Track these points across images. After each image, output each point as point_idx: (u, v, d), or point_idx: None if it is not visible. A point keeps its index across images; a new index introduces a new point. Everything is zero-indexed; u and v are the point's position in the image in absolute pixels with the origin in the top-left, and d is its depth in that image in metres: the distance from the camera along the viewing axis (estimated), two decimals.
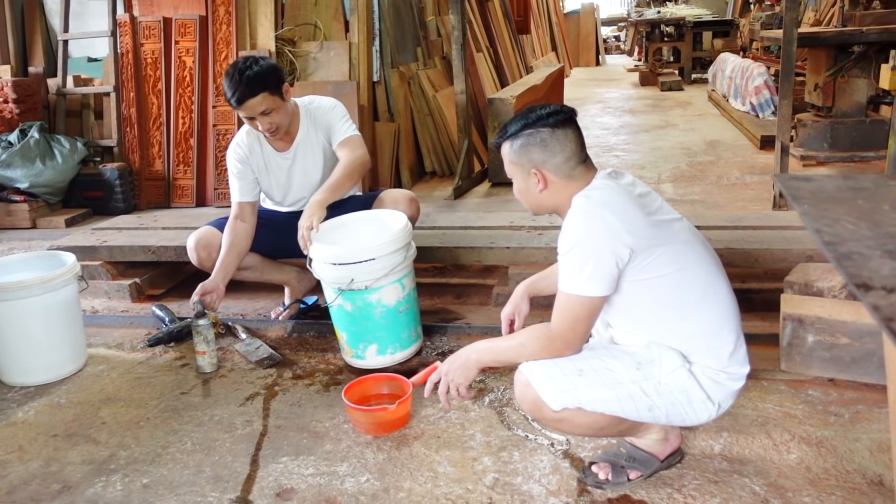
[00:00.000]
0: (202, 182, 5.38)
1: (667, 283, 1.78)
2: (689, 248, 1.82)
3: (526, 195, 1.92)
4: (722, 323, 1.83)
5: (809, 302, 2.49)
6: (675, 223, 1.83)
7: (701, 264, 1.83)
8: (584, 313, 1.77)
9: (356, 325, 2.61)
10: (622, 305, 1.84)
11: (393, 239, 2.56)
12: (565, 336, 1.80)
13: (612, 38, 20.78)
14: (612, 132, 7.58)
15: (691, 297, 1.80)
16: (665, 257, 1.76)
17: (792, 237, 3.04)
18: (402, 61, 5.72)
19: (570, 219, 1.78)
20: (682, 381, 1.79)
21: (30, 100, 5.46)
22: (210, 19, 5.30)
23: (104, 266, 3.49)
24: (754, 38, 10.08)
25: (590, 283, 1.73)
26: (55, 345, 2.72)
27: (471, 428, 2.27)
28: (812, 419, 2.22)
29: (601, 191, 1.79)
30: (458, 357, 1.98)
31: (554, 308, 1.80)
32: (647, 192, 1.87)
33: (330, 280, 2.57)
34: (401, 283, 2.62)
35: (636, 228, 1.73)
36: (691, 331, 1.82)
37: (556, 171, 1.84)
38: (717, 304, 1.83)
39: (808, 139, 5.57)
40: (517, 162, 1.88)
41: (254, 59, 2.74)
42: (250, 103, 2.71)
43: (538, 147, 1.83)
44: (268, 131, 2.81)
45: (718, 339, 1.82)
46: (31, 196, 5.07)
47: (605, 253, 1.71)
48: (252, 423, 2.37)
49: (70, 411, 2.51)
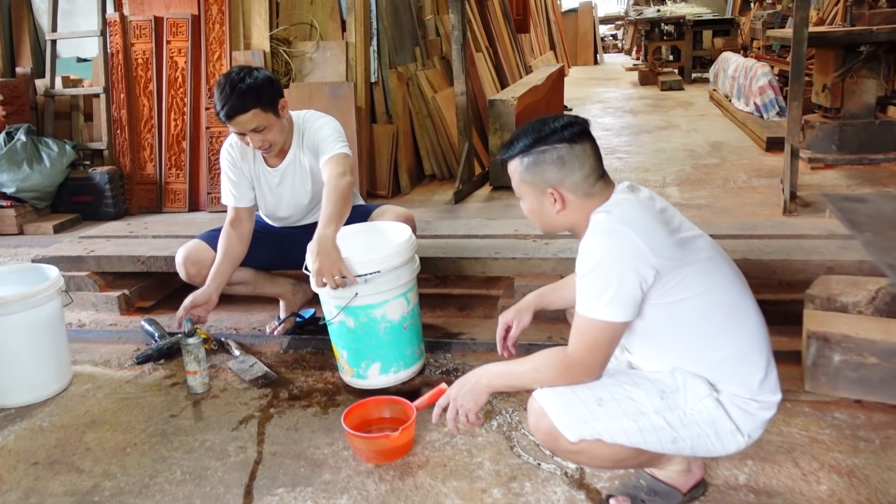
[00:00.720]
0: (195, 186, 5.23)
1: (692, 306, 1.64)
2: (714, 267, 1.68)
3: (540, 215, 1.77)
4: (751, 347, 1.69)
5: (835, 319, 2.36)
6: (697, 240, 1.70)
7: (727, 284, 1.70)
8: (605, 339, 1.63)
9: (359, 343, 2.47)
10: (644, 330, 1.70)
11: (398, 251, 2.42)
12: (584, 362, 1.66)
13: (610, 36, 20.64)
14: (614, 133, 7.45)
15: (718, 320, 1.67)
16: (690, 278, 1.63)
17: (810, 247, 2.92)
18: (400, 61, 5.58)
19: (591, 237, 1.64)
20: (709, 412, 1.66)
21: (17, 101, 5.30)
22: (203, 18, 5.15)
23: (91, 277, 3.35)
24: (755, 36, 9.97)
25: (611, 308, 1.59)
26: (37, 364, 2.57)
27: (479, 455, 2.14)
28: (841, 445, 2.09)
29: (622, 206, 1.66)
30: (467, 381, 1.84)
31: (571, 332, 1.66)
32: (667, 207, 1.74)
33: (331, 295, 2.43)
34: (406, 297, 2.48)
35: (661, 248, 1.60)
36: (719, 357, 1.68)
37: (575, 190, 1.70)
38: (745, 327, 1.70)
39: (816, 141, 5.44)
40: (530, 181, 1.72)
41: (248, 71, 2.56)
42: (240, 119, 2.53)
43: (554, 165, 1.68)
44: (259, 148, 2.65)
45: (748, 364, 1.68)
46: (18, 201, 4.91)
47: (628, 274, 1.58)
48: (246, 449, 2.23)
49: (53, 436, 2.37)
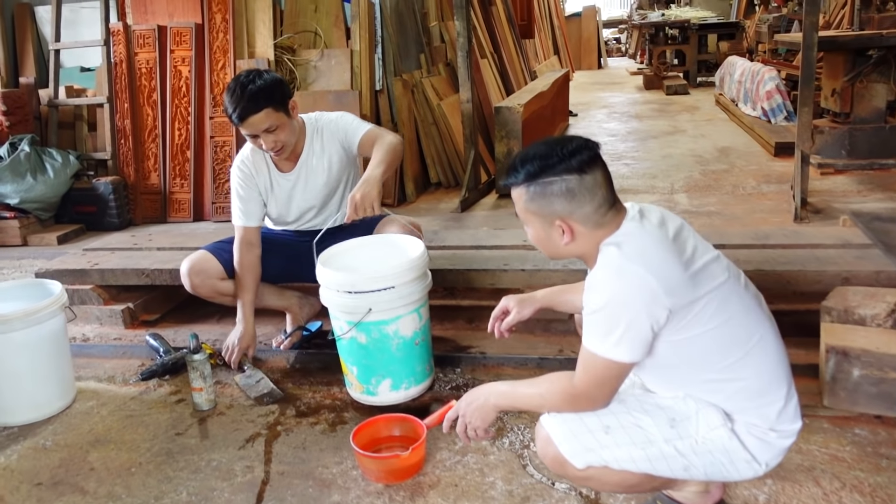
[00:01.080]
0: (199, 196, 5.20)
1: (707, 340, 1.56)
2: (730, 295, 1.59)
3: (546, 244, 1.68)
4: (770, 378, 1.61)
5: (853, 332, 2.31)
6: (712, 266, 1.59)
7: (744, 311, 1.61)
8: (612, 376, 1.57)
9: (370, 359, 2.42)
10: (655, 365, 1.64)
11: (412, 266, 2.38)
12: (590, 395, 1.61)
13: (613, 40, 20.60)
14: (620, 139, 7.40)
15: (735, 352, 1.59)
16: (705, 312, 1.54)
17: (825, 257, 2.87)
18: (405, 69, 5.54)
19: (601, 274, 1.55)
20: (722, 441, 1.60)
21: (20, 111, 5.27)
22: (206, 27, 5.12)
23: (95, 290, 3.31)
24: (761, 40, 9.91)
25: (620, 348, 1.52)
26: (41, 381, 2.54)
27: (490, 474, 2.09)
28: (862, 463, 2.04)
29: (634, 240, 1.56)
30: (475, 398, 1.80)
31: (578, 363, 1.60)
32: (680, 229, 1.64)
33: (343, 310, 2.38)
34: (418, 313, 2.44)
35: (675, 286, 1.51)
36: (735, 388, 1.61)
37: (585, 222, 1.59)
38: (764, 357, 1.61)
39: (826, 146, 5.38)
40: (536, 211, 1.62)
41: (257, 73, 2.56)
42: (253, 120, 2.52)
43: (563, 197, 1.57)
44: (272, 150, 2.63)
45: (767, 395, 1.60)
46: (22, 212, 4.88)
47: (640, 316, 1.50)
48: (253, 469, 2.19)
49: (56, 455, 2.33)
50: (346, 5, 5.17)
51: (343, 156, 2.79)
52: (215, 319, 3.38)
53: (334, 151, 2.77)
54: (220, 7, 5.08)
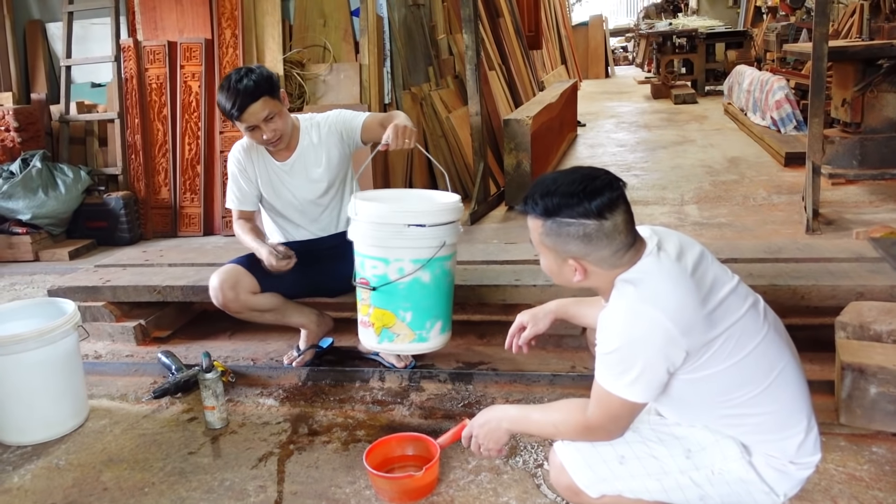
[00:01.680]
0: (210, 210, 5.21)
1: (725, 377, 1.53)
2: (750, 329, 1.55)
3: (558, 277, 1.64)
4: (791, 411, 1.57)
5: (870, 349, 2.29)
6: (731, 297, 1.55)
7: (765, 345, 1.56)
8: (625, 413, 1.55)
9: (429, 299, 2.40)
10: (671, 401, 1.61)
11: (458, 206, 2.46)
12: (604, 429, 1.59)
13: (620, 49, 20.63)
14: (629, 149, 7.39)
15: (754, 387, 1.54)
16: (724, 349, 1.51)
17: (839, 271, 2.85)
18: (413, 82, 5.55)
19: (615, 314, 1.52)
20: (739, 473, 1.57)
21: (32, 128, 5.31)
22: (216, 43, 5.15)
23: (107, 307, 3.32)
24: (769, 48, 9.90)
25: (633, 389, 1.50)
26: (54, 400, 2.54)
27: (504, 494, 2.08)
28: (880, 482, 2.02)
29: (651, 278, 1.51)
30: (487, 420, 1.79)
31: (591, 396, 1.58)
32: (699, 259, 1.58)
33: (413, 244, 2.34)
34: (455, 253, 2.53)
35: (692, 327, 1.47)
36: (755, 422, 1.57)
37: (601, 264, 1.55)
38: (784, 391, 1.57)
39: (837, 156, 5.34)
40: (550, 247, 1.57)
41: (247, 69, 2.63)
42: (252, 109, 2.57)
43: (579, 240, 1.52)
44: (271, 140, 2.67)
45: (786, 430, 1.56)
46: (34, 228, 4.90)
47: (655, 360, 1.47)
48: (266, 488, 2.18)
49: (69, 475, 2.32)
50: (355, 19, 5.19)
51: (342, 149, 2.83)
52: (227, 335, 3.38)
53: (333, 144, 2.81)
54: (230, 23, 5.12)
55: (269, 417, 2.60)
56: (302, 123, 2.83)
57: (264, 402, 2.71)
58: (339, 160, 2.83)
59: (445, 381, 2.73)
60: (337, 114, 2.86)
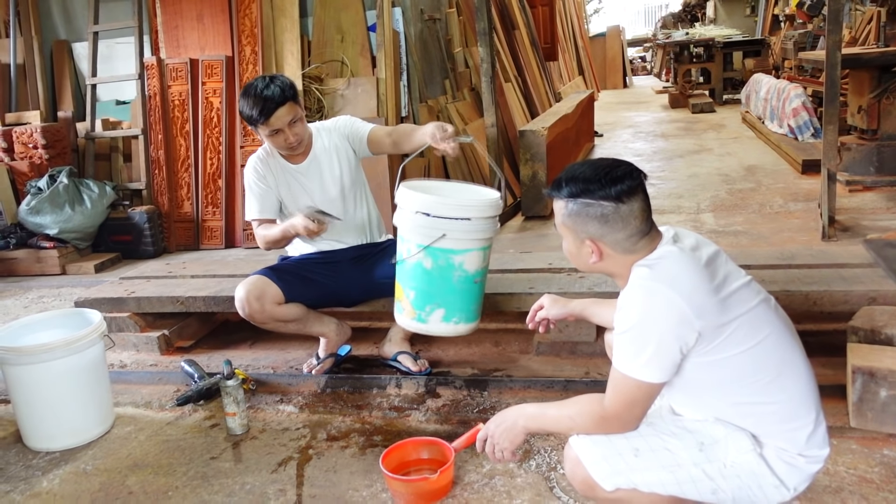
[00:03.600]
0: (231, 223, 5.32)
1: (737, 363, 1.59)
2: (761, 320, 1.62)
3: (576, 259, 1.75)
4: (799, 402, 1.63)
5: (880, 353, 2.31)
6: (743, 291, 1.63)
7: (775, 336, 1.63)
8: (642, 397, 1.61)
9: (430, 285, 2.49)
10: (683, 386, 1.66)
11: (490, 205, 2.48)
12: (620, 417, 1.64)
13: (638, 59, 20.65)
14: (646, 158, 7.41)
15: (764, 376, 1.61)
16: (735, 335, 1.58)
17: (851, 276, 2.86)
18: (430, 95, 5.63)
19: (631, 294, 1.61)
20: (751, 465, 1.61)
21: (59, 145, 5.45)
22: (236, 59, 5.27)
23: (132, 318, 3.41)
24: (787, 57, 9.89)
25: (648, 369, 1.56)
26: (81, 407, 2.62)
27: (518, 496, 2.12)
28: (891, 484, 2.03)
29: (666, 261, 1.61)
30: (504, 420, 1.84)
31: (608, 384, 1.64)
32: (714, 256, 1.68)
33: (417, 231, 2.46)
34: (485, 252, 2.54)
35: (705, 310, 1.55)
36: (764, 413, 1.63)
37: (615, 246, 1.66)
38: (793, 382, 1.63)
39: (854, 163, 5.36)
40: (570, 227, 1.70)
41: (270, 77, 2.75)
42: (279, 113, 2.70)
43: (597, 220, 1.64)
44: (293, 144, 2.79)
45: (796, 420, 1.62)
46: (61, 242, 5.03)
47: (668, 338, 1.54)
48: (285, 492, 2.24)
49: (96, 479, 2.40)
50: (372, 35, 5.28)
51: (350, 153, 2.95)
52: (248, 345, 3.46)
53: (341, 147, 2.93)
54: (250, 40, 5.23)
55: (288, 424, 2.66)
56: (314, 129, 2.95)
57: (284, 409, 2.77)
58: (349, 161, 2.94)
59: (461, 387, 2.78)
60: (344, 118, 3.00)
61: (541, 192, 5.24)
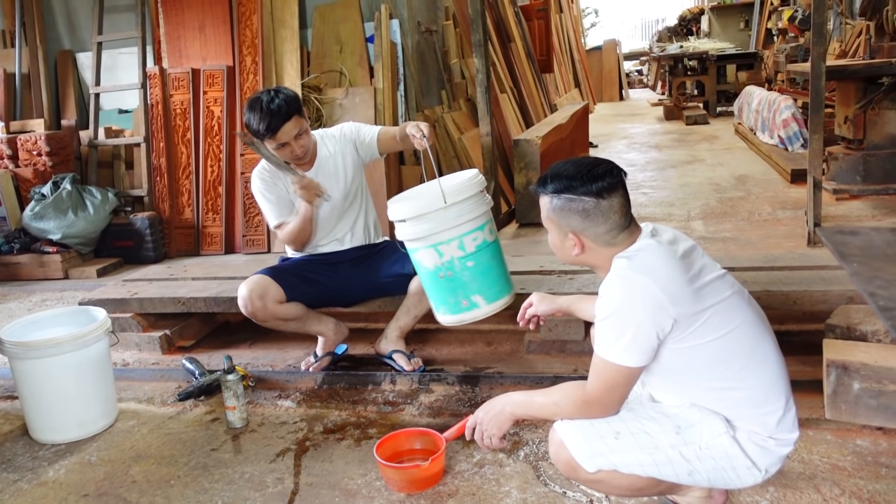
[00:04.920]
0: (231, 229, 5.42)
1: (710, 349, 1.70)
2: (734, 309, 1.73)
3: (560, 251, 1.86)
4: (770, 388, 1.74)
5: (853, 347, 2.41)
6: (717, 282, 1.74)
7: (747, 325, 1.75)
8: (621, 381, 1.71)
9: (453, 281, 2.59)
10: (662, 371, 1.77)
11: (462, 185, 2.55)
12: (601, 401, 1.74)
13: (635, 72, 20.83)
14: (639, 168, 7.53)
15: (737, 363, 1.72)
16: (709, 323, 1.69)
17: (831, 277, 2.97)
18: (427, 105, 5.75)
19: (610, 283, 1.71)
20: (724, 448, 1.71)
21: (62, 152, 5.56)
22: (237, 69, 5.39)
23: (135, 318, 3.50)
24: (779, 70, 10.03)
25: (627, 353, 1.67)
26: (86, 401, 2.71)
27: (506, 484, 2.21)
28: (862, 471, 2.13)
29: (643, 253, 1.72)
30: (492, 407, 1.94)
31: (590, 370, 1.74)
32: (690, 250, 1.79)
33: (412, 238, 2.56)
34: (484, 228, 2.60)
35: (680, 298, 1.66)
36: (737, 398, 1.74)
37: (596, 240, 1.77)
38: (764, 369, 1.74)
39: (841, 172, 5.48)
40: (554, 221, 1.81)
41: (275, 91, 2.84)
42: (286, 128, 2.80)
43: (578, 215, 1.75)
44: (301, 154, 2.89)
45: (766, 405, 1.73)
46: (64, 247, 5.13)
47: (645, 324, 1.65)
48: (283, 480, 2.33)
49: (101, 469, 2.49)
50: (370, 46, 5.41)
51: (356, 157, 3.05)
52: (247, 345, 3.55)
53: (347, 152, 3.04)
54: (251, 50, 5.35)
55: (286, 418, 2.76)
56: (317, 136, 3.05)
57: (282, 404, 2.87)
58: (353, 166, 3.05)
59: (453, 383, 2.87)
60: (349, 125, 3.09)
61: (535, 199, 5.33)
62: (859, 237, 1.27)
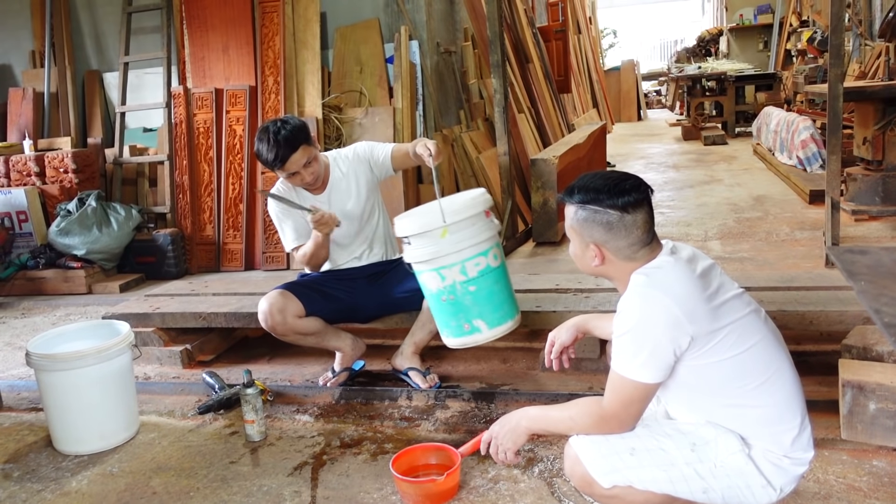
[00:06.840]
0: (251, 246, 5.49)
1: (727, 367, 1.72)
2: (751, 328, 1.75)
3: (580, 261, 1.88)
4: (785, 407, 1.75)
5: (869, 367, 2.41)
6: (734, 301, 1.76)
7: (763, 344, 1.76)
8: (638, 397, 1.73)
9: (458, 303, 2.60)
10: (678, 388, 1.78)
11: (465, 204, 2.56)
12: (618, 417, 1.76)
13: (653, 92, 20.84)
14: (657, 188, 7.53)
15: (753, 381, 1.73)
16: (726, 341, 1.70)
17: (847, 298, 2.96)
18: (445, 124, 5.82)
19: (629, 300, 1.73)
20: (739, 465, 1.72)
21: (88, 169, 5.68)
22: (259, 89, 5.49)
23: (157, 333, 3.56)
24: (798, 90, 10.03)
25: (644, 370, 1.68)
26: (109, 413, 2.77)
27: (521, 500, 2.23)
28: (878, 492, 2.12)
29: (662, 270, 1.74)
30: (508, 421, 1.96)
31: (607, 386, 1.76)
32: (709, 268, 1.81)
33: (419, 259, 2.57)
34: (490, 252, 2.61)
35: (697, 316, 1.68)
36: (752, 416, 1.75)
37: (617, 253, 1.79)
38: (779, 387, 1.75)
39: (860, 193, 5.46)
40: (578, 231, 1.83)
41: (282, 121, 2.89)
42: (294, 158, 2.85)
43: (602, 227, 1.77)
44: (311, 181, 2.94)
45: (781, 423, 1.74)
46: (88, 262, 5.23)
47: (662, 341, 1.67)
48: (300, 493, 2.36)
49: (122, 481, 2.53)
50: (390, 66, 5.49)
51: (370, 176, 3.10)
52: (266, 360, 3.60)
53: (361, 172, 3.09)
54: (273, 71, 5.45)
55: (304, 432, 2.79)
56: (330, 159, 3.10)
57: (300, 419, 2.90)
58: (367, 185, 3.09)
59: (469, 399, 2.90)
60: (362, 144, 3.14)
61: (552, 218, 5.38)
62: (868, 256, 1.29)
